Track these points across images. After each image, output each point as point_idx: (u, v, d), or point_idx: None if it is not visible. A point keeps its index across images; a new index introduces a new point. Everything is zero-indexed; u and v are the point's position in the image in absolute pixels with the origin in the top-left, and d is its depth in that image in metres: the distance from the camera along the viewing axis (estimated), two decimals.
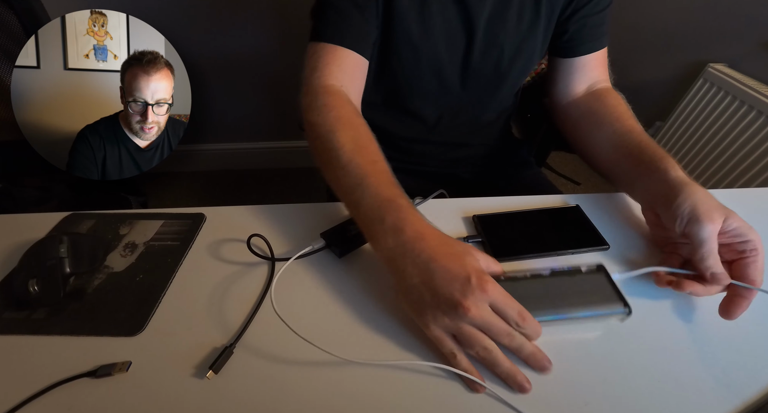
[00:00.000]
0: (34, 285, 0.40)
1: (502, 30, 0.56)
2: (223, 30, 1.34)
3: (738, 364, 0.36)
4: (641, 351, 0.36)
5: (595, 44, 0.58)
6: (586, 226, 0.48)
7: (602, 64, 0.60)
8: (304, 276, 0.44)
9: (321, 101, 0.49)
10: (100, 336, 0.38)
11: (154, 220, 0.51)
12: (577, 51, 0.58)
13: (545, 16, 0.56)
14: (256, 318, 0.39)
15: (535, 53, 0.59)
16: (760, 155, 1.05)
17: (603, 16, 0.56)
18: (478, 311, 0.32)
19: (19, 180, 1.21)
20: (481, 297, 0.32)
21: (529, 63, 0.61)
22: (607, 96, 0.57)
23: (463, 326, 0.33)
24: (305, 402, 0.33)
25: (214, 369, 0.35)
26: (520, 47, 0.58)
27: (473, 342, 0.33)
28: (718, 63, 1.18)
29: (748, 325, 0.38)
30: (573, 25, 0.56)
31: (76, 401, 0.33)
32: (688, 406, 0.33)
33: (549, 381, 0.34)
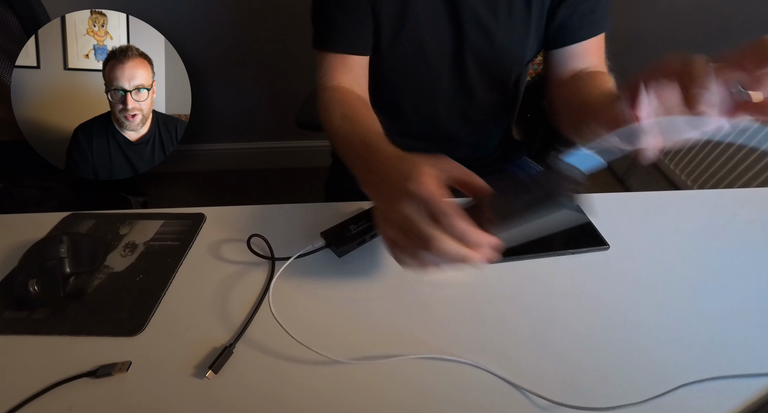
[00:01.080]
0: (34, 285, 0.40)
1: (493, 20, 0.55)
2: (222, 30, 1.34)
3: (738, 364, 0.35)
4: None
5: (586, 32, 0.56)
6: (586, 226, 0.48)
7: (596, 53, 0.58)
8: (304, 275, 0.44)
9: (327, 96, 0.54)
10: (100, 336, 0.38)
11: (154, 220, 0.51)
12: (569, 39, 0.57)
13: (536, 6, 0.55)
14: (255, 318, 0.39)
15: (528, 44, 0.58)
16: (760, 155, 1.05)
17: (594, 3, 0.55)
18: (406, 213, 0.31)
19: (19, 180, 1.22)
20: (409, 202, 0.31)
21: (522, 53, 0.60)
22: (595, 75, 0.55)
23: (399, 231, 0.33)
24: (304, 401, 0.33)
25: (213, 369, 0.35)
26: (512, 37, 0.57)
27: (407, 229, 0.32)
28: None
29: (749, 325, 0.38)
30: (563, 12, 0.55)
31: (76, 401, 0.33)
32: (688, 406, 0.33)
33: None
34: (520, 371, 0.35)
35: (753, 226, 0.48)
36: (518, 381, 0.34)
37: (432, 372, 0.35)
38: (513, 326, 0.39)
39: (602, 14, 0.56)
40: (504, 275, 0.43)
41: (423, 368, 0.35)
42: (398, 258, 0.34)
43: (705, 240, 0.47)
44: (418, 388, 0.34)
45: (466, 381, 0.34)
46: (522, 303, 0.41)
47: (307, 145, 1.67)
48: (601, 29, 0.57)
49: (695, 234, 0.48)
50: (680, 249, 0.46)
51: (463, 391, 0.34)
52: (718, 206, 0.52)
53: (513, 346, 0.37)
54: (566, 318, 0.39)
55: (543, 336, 0.38)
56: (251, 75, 1.47)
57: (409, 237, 0.32)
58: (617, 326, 0.38)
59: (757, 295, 0.41)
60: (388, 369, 0.35)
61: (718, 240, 0.47)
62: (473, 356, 0.36)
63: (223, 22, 1.32)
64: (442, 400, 0.33)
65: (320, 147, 1.14)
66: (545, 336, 0.38)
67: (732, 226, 0.49)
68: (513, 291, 0.42)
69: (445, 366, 0.35)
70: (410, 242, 0.32)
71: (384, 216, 0.35)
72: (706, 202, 0.53)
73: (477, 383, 0.34)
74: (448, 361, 0.36)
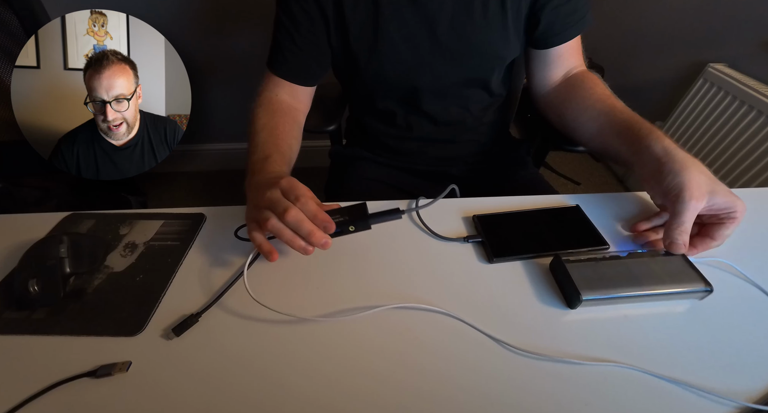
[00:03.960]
0: (34, 285, 0.40)
1: (468, 21, 0.56)
2: (222, 30, 1.34)
3: (738, 364, 0.36)
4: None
5: (569, 33, 0.57)
6: (586, 226, 0.48)
7: (577, 51, 0.60)
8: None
9: (260, 101, 0.61)
10: (100, 336, 0.38)
11: (154, 220, 0.51)
12: (551, 42, 0.58)
13: (512, 4, 0.55)
14: (231, 291, 0.42)
15: (508, 43, 0.58)
16: (760, 155, 1.05)
17: (576, 4, 0.55)
18: (270, 195, 0.40)
19: (19, 180, 1.22)
20: (274, 189, 0.41)
21: (503, 51, 0.60)
22: (584, 79, 0.58)
23: (262, 210, 0.41)
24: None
25: (175, 332, 0.38)
26: (489, 37, 0.57)
27: (268, 212, 0.40)
28: (718, 63, 1.18)
29: (749, 325, 0.38)
30: (546, 17, 0.56)
31: (76, 401, 0.34)
32: (689, 406, 0.33)
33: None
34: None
35: (753, 226, 0.48)
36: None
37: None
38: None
39: (584, 12, 0.57)
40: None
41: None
42: (253, 236, 0.41)
43: None
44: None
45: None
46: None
47: (306, 146, 1.66)
48: (584, 27, 0.58)
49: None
50: None
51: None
52: None
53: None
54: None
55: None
56: (251, 75, 1.47)
57: (271, 211, 0.39)
58: (613, 323, 0.39)
59: (757, 295, 0.41)
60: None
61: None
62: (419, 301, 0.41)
63: (223, 23, 1.32)
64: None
65: (319, 147, 1.14)
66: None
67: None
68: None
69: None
70: (270, 215, 0.39)
71: (254, 204, 0.42)
72: None
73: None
74: (411, 309, 0.40)
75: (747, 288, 0.42)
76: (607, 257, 0.41)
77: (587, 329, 0.38)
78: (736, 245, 0.45)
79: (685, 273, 0.40)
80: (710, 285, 0.38)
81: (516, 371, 0.35)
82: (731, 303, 0.40)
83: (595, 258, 0.41)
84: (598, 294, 0.38)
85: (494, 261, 0.45)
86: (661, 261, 0.41)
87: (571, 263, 0.41)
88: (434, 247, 0.47)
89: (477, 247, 0.47)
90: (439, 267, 0.44)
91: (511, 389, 0.34)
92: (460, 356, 0.36)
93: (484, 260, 0.45)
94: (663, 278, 0.39)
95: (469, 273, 0.44)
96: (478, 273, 0.44)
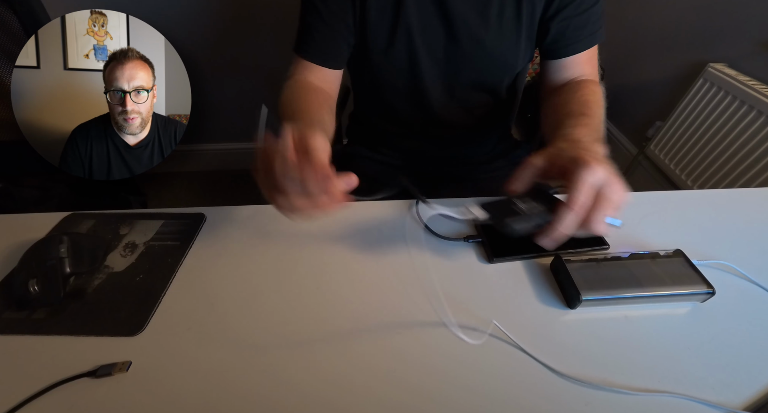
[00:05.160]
0: (34, 285, 0.40)
1: (483, 28, 0.56)
2: (223, 30, 1.34)
3: (738, 364, 0.36)
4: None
5: (579, 45, 0.57)
6: None
7: (588, 63, 0.59)
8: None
9: (291, 83, 0.59)
10: (100, 336, 0.38)
11: (154, 220, 0.51)
12: (561, 53, 0.58)
13: (527, 14, 0.55)
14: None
15: (519, 51, 0.59)
16: (760, 155, 1.05)
17: (588, 17, 0.55)
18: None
19: (19, 180, 1.21)
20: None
21: (514, 60, 0.60)
22: (583, 85, 0.56)
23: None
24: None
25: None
26: (503, 44, 0.57)
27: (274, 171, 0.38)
28: (718, 63, 1.18)
29: (749, 325, 0.38)
30: (556, 26, 0.56)
31: (76, 401, 0.33)
32: (688, 406, 0.33)
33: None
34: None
35: (753, 226, 0.48)
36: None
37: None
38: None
39: (595, 28, 0.56)
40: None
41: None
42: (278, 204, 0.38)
43: (705, 239, 0.47)
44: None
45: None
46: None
47: None
48: (594, 42, 0.58)
49: (695, 234, 0.48)
50: (680, 249, 0.45)
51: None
52: (718, 206, 0.52)
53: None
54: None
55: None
56: (251, 75, 1.47)
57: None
58: (615, 323, 0.39)
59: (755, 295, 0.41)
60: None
61: (718, 239, 0.47)
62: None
63: (224, 23, 1.32)
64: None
65: None
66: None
67: (732, 226, 0.49)
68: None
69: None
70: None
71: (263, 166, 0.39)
72: (706, 202, 0.53)
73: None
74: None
75: (750, 290, 0.42)
76: (608, 258, 0.41)
77: (587, 329, 0.38)
78: (737, 246, 0.45)
79: (687, 275, 0.40)
80: (712, 288, 0.38)
81: (516, 371, 0.35)
82: (735, 305, 0.40)
83: (596, 259, 0.41)
84: (598, 294, 0.38)
85: (494, 261, 0.45)
86: (662, 263, 0.41)
87: (572, 263, 0.41)
88: (434, 247, 0.47)
89: (477, 247, 0.47)
90: (440, 267, 0.44)
91: (511, 388, 0.34)
92: (460, 356, 0.36)
93: (484, 260, 0.45)
94: (664, 280, 0.39)
95: (470, 273, 0.44)
96: (478, 273, 0.44)
